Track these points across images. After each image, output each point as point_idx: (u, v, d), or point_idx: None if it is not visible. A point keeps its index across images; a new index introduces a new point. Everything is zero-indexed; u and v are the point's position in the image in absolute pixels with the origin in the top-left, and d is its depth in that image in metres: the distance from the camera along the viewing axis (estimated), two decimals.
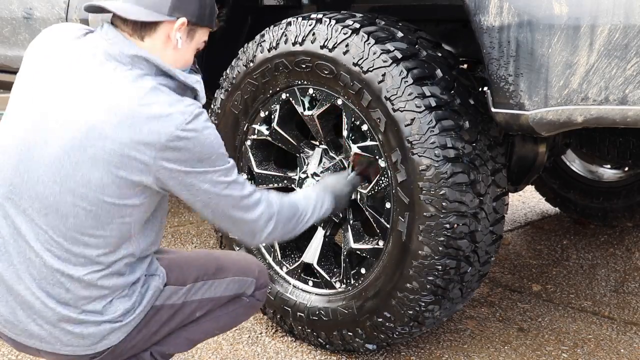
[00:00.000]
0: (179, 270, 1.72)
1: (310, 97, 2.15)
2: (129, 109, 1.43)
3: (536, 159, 2.55)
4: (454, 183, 1.87)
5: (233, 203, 1.59)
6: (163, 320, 1.68)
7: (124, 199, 1.48)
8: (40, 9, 3.04)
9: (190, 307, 1.72)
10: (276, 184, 2.32)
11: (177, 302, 1.69)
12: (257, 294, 1.84)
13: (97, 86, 1.47)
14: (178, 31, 1.56)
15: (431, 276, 1.93)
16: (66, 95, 1.48)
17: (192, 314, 1.74)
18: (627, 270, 3.09)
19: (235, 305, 1.81)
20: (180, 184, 1.51)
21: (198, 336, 1.80)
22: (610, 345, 2.39)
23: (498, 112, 1.80)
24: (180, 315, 1.71)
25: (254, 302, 1.85)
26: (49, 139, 1.47)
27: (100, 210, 1.48)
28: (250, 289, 1.82)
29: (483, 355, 2.29)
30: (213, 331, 1.84)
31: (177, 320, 1.71)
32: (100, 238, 1.51)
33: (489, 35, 1.75)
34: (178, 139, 1.45)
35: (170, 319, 1.70)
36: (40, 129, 1.48)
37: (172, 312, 1.69)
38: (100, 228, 1.50)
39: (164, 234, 3.43)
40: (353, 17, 2.04)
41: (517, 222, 3.78)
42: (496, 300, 2.74)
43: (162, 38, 1.56)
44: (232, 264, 1.81)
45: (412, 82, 1.88)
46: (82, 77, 1.49)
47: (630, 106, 1.59)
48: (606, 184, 3.57)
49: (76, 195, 1.46)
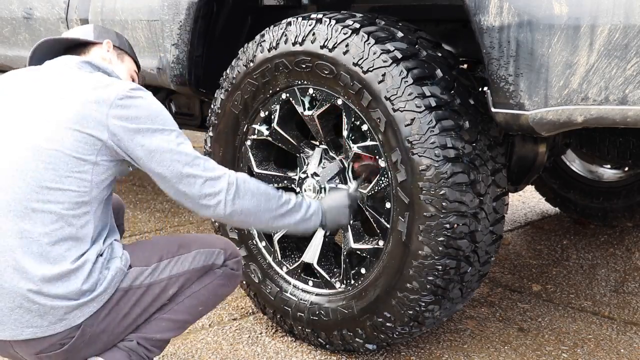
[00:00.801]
0: (143, 253, 1.78)
1: (310, 97, 2.15)
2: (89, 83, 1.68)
3: (536, 159, 2.55)
4: (454, 183, 1.87)
5: (187, 160, 1.67)
6: (133, 302, 1.71)
7: (82, 154, 1.61)
8: (40, 9, 3.04)
9: (159, 286, 1.75)
10: (276, 184, 2.32)
11: (144, 282, 1.73)
12: (229, 263, 1.86)
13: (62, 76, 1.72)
14: (108, 51, 1.95)
15: (431, 276, 1.93)
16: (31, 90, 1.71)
17: (164, 292, 1.76)
18: (627, 270, 3.09)
19: (209, 277, 1.84)
20: (133, 141, 1.64)
21: (182, 316, 1.82)
22: (610, 345, 2.39)
23: (498, 112, 1.80)
24: (151, 295, 1.74)
25: (228, 271, 1.87)
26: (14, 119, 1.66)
27: (59, 162, 1.60)
28: (220, 259, 1.84)
29: (483, 355, 2.29)
30: (196, 308, 1.84)
31: (148, 300, 1.74)
32: (59, 192, 1.59)
33: (489, 35, 1.75)
34: (126, 97, 1.64)
35: (140, 300, 1.73)
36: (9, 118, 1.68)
37: (141, 293, 1.73)
38: (59, 181, 1.59)
39: (163, 234, 3.43)
40: (353, 17, 2.04)
41: (517, 222, 3.78)
42: (496, 300, 2.74)
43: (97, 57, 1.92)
44: (195, 240, 1.86)
45: (412, 82, 1.88)
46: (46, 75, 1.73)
47: (630, 106, 1.59)
48: (606, 184, 3.57)
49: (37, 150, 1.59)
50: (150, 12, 2.58)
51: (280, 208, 1.80)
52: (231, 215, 1.72)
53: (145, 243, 1.88)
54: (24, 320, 1.59)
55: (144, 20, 2.59)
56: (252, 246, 2.40)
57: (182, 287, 1.79)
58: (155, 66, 2.62)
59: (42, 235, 1.59)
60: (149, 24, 2.59)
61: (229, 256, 1.88)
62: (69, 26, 2.92)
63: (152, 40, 2.59)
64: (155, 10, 2.56)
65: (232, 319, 2.51)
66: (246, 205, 1.73)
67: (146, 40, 2.60)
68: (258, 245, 2.39)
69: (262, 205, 1.76)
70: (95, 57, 1.92)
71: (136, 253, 1.77)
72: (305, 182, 2.22)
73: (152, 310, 1.77)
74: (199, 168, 1.68)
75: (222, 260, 1.85)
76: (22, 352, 1.66)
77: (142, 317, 1.76)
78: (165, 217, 3.75)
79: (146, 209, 3.87)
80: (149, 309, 1.76)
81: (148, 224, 3.60)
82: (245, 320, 2.51)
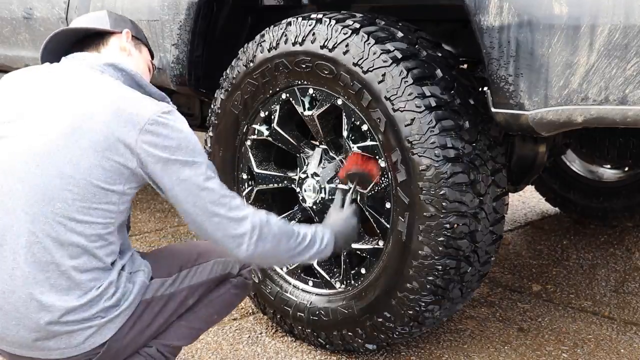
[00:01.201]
0: (163, 263, 1.75)
1: (310, 97, 2.15)
2: (115, 100, 1.56)
3: (536, 159, 2.55)
4: (454, 183, 1.87)
5: (214, 198, 1.59)
6: (155, 313, 1.70)
7: (110, 184, 1.53)
8: (40, 9, 3.04)
9: (180, 296, 1.74)
10: (276, 184, 2.32)
11: (165, 292, 1.71)
12: (243, 273, 1.85)
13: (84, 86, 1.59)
14: (127, 41, 1.80)
15: (431, 276, 1.93)
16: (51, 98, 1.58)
17: (185, 302, 1.76)
18: (627, 270, 3.09)
19: (225, 286, 1.83)
20: (162, 170, 1.55)
21: (198, 324, 1.82)
22: (610, 345, 2.39)
23: (498, 112, 1.79)
24: (172, 305, 1.73)
25: (242, 281, 1.86)
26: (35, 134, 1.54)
27: (87, 193, 1.51)
28: (236, 269, 1.83)
29: (483, 355, 2.29)
30: (212, 317, 1.85)
31: (170, 310, 1.73)
32: (86, 225, 1.53)
33: (489, 35, 1.75)
34: (157, 123, 1.54)
35: (162, 310, 1.71)
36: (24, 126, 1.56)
37: (163, 303, 1.71)
38: (87, 213, 1.52)
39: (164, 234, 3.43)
40: (353, 17, 2.04)
41: (517, 222, 3.78)
42: (496, 300, 2.74)
43: (116, 48, 1.78)
44: (212, 248, 1.83)
45: (412, 82, 1.88)
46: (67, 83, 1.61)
47: (630, 106, 1.59)
48: (606, 184, 3.57)
49: (64, 177, 1.50)
50: (150, 12, 2.58)
51: (298, 246, 1.74)
52: (251, 257, 1.66)
53: (163, 252, 1.85)
54: (49, 345, 1.56)
55: (144, 20, 2.59)
56: None
57: (201, 296, 1.79)
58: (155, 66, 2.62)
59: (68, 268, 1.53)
60: (149, 24, 2.59)
61: (244, 265, 1.86)
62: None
63: (152, 40, 2.59)
64: (155, 10, 2.55)
65: (232, 319, 2.51)
66: (267, 247, 1.66)
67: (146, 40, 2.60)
68: None
69: (283, 246, 1.70)
70: (114, 51, 1.77)
71: (156, 264, 1.73)
72: (305, 182, 2.22)
73: (173, 318, 1.76)
74: (224, 208, 1.60)
75: (237, 269, 1.84)
76: None
77: (164, 326, 1.74)
78: (165, 217, 3.75)
79: (146, 209, 3.87)
80: (170, 318, 1.75)
81: (148, 224, 3.60)
82: (245, 320, 2.51)
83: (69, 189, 1.50)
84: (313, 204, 2.20)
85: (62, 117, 1.53)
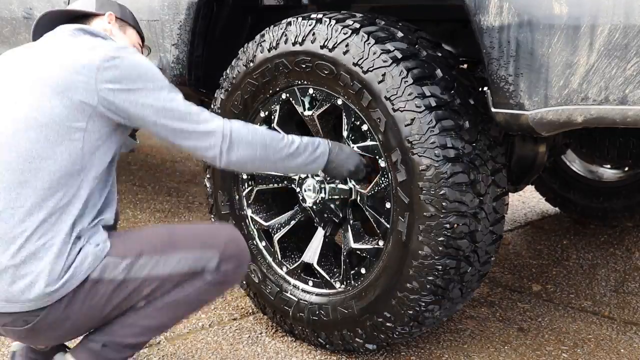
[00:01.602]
0: (123, 243, 1.67)
1: (310, 97, 2.15)
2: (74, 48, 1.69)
3: (536, 159, 2.55)
4: (454, 183, 1.87)
5: (180, 116, 1.68)
6: (101, 296, 1.62)
7: (72, 121, 1.61)
8: (40, 9, 3.04)
9: (133, 284, 1.64)
10: (276, 184, 2.32)
11: (117, 277, 1.63)
12: (222, 267, 1.71)
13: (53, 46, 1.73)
14: (109, 23, 1.95)
15: (431, 276, 1.93)
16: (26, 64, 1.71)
17: (138, 291, 1.65)
18: (627, 270, 3.09)
19: (196, 282, 1.70)
20: (125, 101, 1.64)
21: (157, 323, 1.71)
22: (610, 345, 2.39)
23: (498, 112, 1.80)
24: (123, 292, 1.64)
25: (219, 277, 1.72)
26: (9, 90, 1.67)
27: (50, 131, 1.59)
28: (213, 262, 1.70)
29: (483, 355, 2.29)
30: (175, 313, 1.73)
31: (120, 297, 1.64)
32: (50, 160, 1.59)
33: (489, 35, 1.75)
34: (113, 59, 1.64)
35: (110, 296, 1.63)
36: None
37: (111, 288, 1.63)
38: (50, 149, 1.59)
39: None
40: (353, 17, 2.04)
41: (517, 222, 3.78)
42: (496, 300, 2.74)
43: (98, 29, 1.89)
44: (192, 238, 1.74)
45: (412, 82, 1.88)
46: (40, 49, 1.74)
47: (630, 106, 1.59)
48: (606, 184, 3.57)
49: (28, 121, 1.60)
50: (150, 12, 2.58)
51: (282, 151, 1.81)
52: (228, 165, 1.74)
53: (131, 233, 1.81)
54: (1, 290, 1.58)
55: (144, 20, 2.59)
56: (252, 246, 2.40)
57: (159, 289, 1.67)
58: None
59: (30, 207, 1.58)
60: (149, 24, 2.59)
61: (225, 257, 1.72)
62: None
63: (152, 40, 2.59)
64: (155, 10, 2.56)
65: (232, 319, 2.51)
66: (243, 154, 1.74)
67: (146, 40, 2.59)
68: (258, 245, 2.39)
69: (261, 151, 1.77)
70: (95, 28, 1.90)
71: (117, 243, 1.66)
72: (305, 182, 2.21)
73: (123, 308, 1.66)
74: (191, 123, 1.69)
75: (215, 263, 1.71)
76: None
77: (112, 314, 1.66)
78: (165, 217, 3.75)
79: (146, 209, 3.87)
80: (120, 306, 1.65)
81: (148, 224, 3.60)
82: (245, 320, 2.51)
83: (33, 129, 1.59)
84: (313, 204, 2.20)
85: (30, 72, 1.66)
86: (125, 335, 1.69)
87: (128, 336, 1.69)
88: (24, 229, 1.58)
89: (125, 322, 1.69)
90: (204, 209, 3.88)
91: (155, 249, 1.67)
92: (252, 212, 2.40)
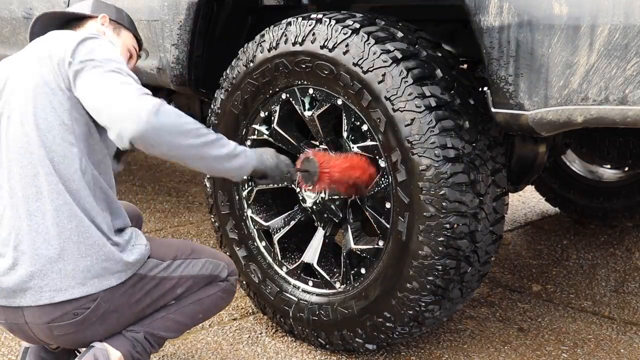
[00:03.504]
0: (159, 248, 1.85)
1: (310, 97, 2.15)
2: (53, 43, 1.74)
3: (536, 159, 2.55)
4: (454, 183, 1.87)
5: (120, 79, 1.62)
6: (145, 291, 1.77)
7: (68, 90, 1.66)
8: (40, 9, 3.04)
9: (170, 283, 1.82)
10: (276, 184, 2.31)
11: (158, 274, 1.79)
12: (230, 279, 1.95)
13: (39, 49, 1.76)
14: (103, 25, 1.98)
15: (431, 276, 1.93)
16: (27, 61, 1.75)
17: (172, 290, 1.83)
18: (627, 270, 3.09)
19: (214, 288, 1.91)
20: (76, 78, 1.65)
21: (184, 319, 1.88)
22: (610, 345, 2.39)
23: (498, 112, 1.80)
24: (161, 289, 1.80)
25: (229, 286, 1.95)
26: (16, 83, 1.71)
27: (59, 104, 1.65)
28: (224, 273, 1.93)
29: (483, 355, 2.29)
30: (198, 315, 1.91)
31: (158, 293, 1.80)
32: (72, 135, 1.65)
33: (489, 36, 1.75)
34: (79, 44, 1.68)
35: (151, 291, 1.78)
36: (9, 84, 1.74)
37: (154, 284, 1.78)
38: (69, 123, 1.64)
39: (164, 234, 3.43)
40: (353, 17, 2.04)
41: (517, 222, 3.78)
42: (496, 300, 2.74)
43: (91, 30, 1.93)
44: (205, 249, 1.95)
45: (412, 82, 1.88)
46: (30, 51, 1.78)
47: (630, 106, 1.59)
48: (606, 184, 3.57)
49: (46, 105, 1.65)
50: (150, 12, 2.58)
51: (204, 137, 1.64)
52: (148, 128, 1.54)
53: (161, 240, 1.96)
54: (43, 284, 1.63)
55: (144, 21, 2.59)
56: (252, 246, 2.40)
57: (188, 290, 1.86)
58: (155, 66, 2.63)
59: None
60: (149, 24, 2.59)
61: (231, 272, 1.96)
62: None
63: (152, 40, 2.59)
64: (155, 10, 2.56)
65: (232, 319, 2.51)
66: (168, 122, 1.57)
67: (146, 40, 2.60)
68: (258, 245, 2.39)
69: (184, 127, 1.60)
70: (89, 30, 1.93)
71: (154, 247, 1.82)
72: None
73: (159, 304, 1.82)
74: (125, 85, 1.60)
75: (225, 274, 1.93)
76: (33, 320, 1.67)
77: (149, 309, 1.81)
78: (165, 217, 3.75)
79: (146, 209, 3.87)
80: (157, 302, 1.81)
81: (148, 224, 3.60)
82: (245, 320, 2.51)
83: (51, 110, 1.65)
84: (313, 204, 2.21)
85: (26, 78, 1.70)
86: (159, 328, 1.83)
87: (162, 329, 1.84)
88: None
89: (159, 316, 1.84)
90: (204, 209, 3.88)
91: (185, 254, 1.87)
92: (252, 212, 2.40)
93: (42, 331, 1.69)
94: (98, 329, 1.74)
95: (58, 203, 1.64)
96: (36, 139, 1.64)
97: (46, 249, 1.63)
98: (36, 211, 1.64)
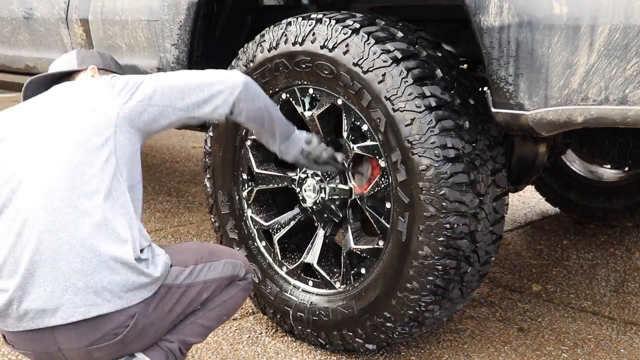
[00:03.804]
0: (179, 255, 1.83)
1: (310, 97, 2.15)
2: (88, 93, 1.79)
3: (536, 159, 2.55)
4: (454, 183, 1.87)
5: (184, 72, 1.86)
6: (175, 300, 1.76)
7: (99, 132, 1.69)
8: (40, 9, 3.04)
9: (196, 289, 1.81)
10: (276, 184, 2.32)
11: (183, 282, 1.78)
12: (247, 277, 1.95)
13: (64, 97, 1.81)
14: (93, 75, 2.02)
15: (431, 276, 1.93)
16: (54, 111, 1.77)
17: (199, 295, 1.82)
18: (627, 270, 3.09)
19: (234, 288, 1.91)
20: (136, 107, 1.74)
21: (211, 323, 1.89)
22: (610, 345, 2.39)
23: (498, 112, 1.80)
24: (189, 296, 1.79)
25: (247, 285, 1.95)
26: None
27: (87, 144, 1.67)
28: (242, 272, 1.92)
29: (483, 355, 2.29)
30: (222, 317, 1.91)
31: (186, 300, 1.79)
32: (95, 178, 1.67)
33: (489, 35, 1.75)
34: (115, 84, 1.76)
35: (180, 299, 1.77)
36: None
37: (181, 292, 1.77)
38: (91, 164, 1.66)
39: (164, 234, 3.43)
40: (353, 17, 2.04)
41: (517, 222, 3.78)
42: (496, 300, 2.74)
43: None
44: (221, 249, 1.96)
45: (412, 82, 1.88)
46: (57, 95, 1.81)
47: (630, 106, 1.59)
48: (606, 184, 3.57)
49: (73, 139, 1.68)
50: (150, 12, 2.58)
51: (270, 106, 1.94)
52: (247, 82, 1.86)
53: (177, 246, 1.97)
54: (77, 299, 1.57)
55: (144, 20, 2.59)
56: (252, 246, 2.40)
57: (213, 293, 1.86)
58: (155, 66, 2.63)
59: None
60: (149, 24, 2.59)
61: (248, 270, 1.96)
62: (69, 26, 2.92)
63: (152, 40, 2.59)
64: (155, 10, 2.55)
65: (232, 319, 2.51)
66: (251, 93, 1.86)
67: (146, 40, 2.60)
68: (258, 245, 2.39)
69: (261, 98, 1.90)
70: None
71: (174, 255, 1.81)
72: (305, 182, 2.22)
73: (188, 311, 1.81)
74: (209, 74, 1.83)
75: (243, 273, 1.93)
76: (70, 345, 1.60)
77: (180, 317, 1.80)
78: (165, 217, 3.75)
79: (146, 209, 3.87)
80: (186, 309, 1.80)
81: (148, 224, 3.60)
82: (245, 320, 2.51)
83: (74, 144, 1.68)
84: (313, 204, 2.21)
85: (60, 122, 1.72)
86: (189, 335, 1.84)
87: (191, 335, 1.84)
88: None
89: (187, 322, 1.83)
90: (204, 209, 3.88)
91: (204, 258, 1.86)
92: (252, 212, 2.40)
93: (80, 356, 1.63)
94: (137, 346, 1.71)
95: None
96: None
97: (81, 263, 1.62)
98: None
